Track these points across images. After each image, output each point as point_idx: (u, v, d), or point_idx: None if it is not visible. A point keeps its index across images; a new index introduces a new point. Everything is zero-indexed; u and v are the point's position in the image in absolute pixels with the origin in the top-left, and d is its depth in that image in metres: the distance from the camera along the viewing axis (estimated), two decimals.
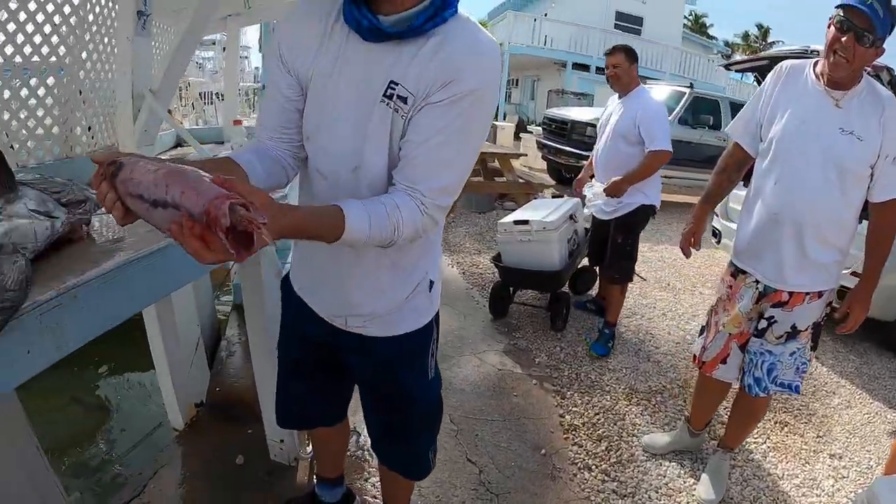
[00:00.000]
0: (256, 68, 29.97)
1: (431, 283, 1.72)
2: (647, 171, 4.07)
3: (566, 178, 11.64)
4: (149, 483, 2.90)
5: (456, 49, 1.31)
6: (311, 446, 2.99)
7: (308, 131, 1.52)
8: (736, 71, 18.80)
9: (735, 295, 2.78)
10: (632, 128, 4.08)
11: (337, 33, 1.40)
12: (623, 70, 4.16)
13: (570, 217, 4.93)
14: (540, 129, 13.27)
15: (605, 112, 4.50)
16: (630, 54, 4.17)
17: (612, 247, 4.37)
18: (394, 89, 1.34)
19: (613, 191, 4.14)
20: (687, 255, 3.06)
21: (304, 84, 1.48)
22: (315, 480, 2.64)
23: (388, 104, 1.35)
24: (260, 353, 2.69)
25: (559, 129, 11.24)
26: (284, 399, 2.09)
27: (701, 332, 3.04)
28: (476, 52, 1.33)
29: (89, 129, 3.01)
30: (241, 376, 3.86)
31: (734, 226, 5.49)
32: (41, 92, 2.75)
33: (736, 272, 2.79)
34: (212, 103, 17.59)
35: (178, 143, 4.89)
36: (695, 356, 3.02)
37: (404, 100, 1.34)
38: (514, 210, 8.18)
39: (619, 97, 4.31)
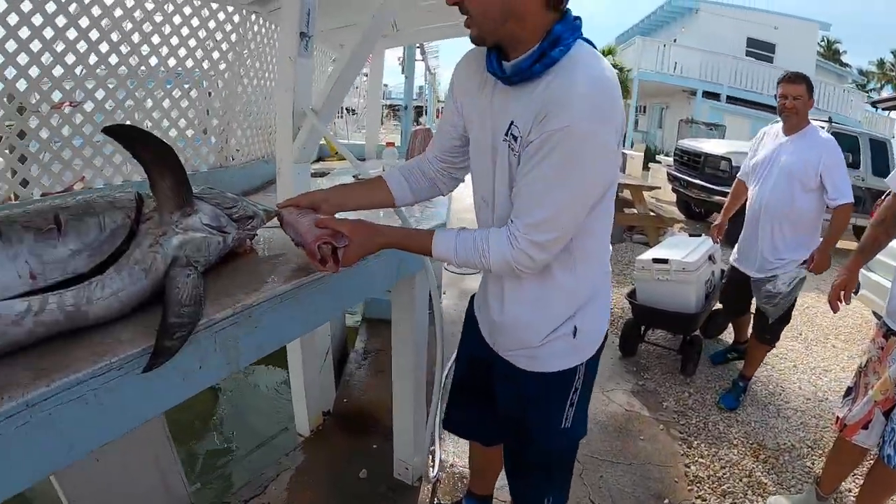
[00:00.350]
0: (385, 85, 30.67)
1: (576, 329, 1.65)
2: (841, 230, 3.61)
3: (695, 212, 11.22)
4: (270, 484, 2.95)
5: (554, 86, 1.33)
6: (436, 470, 3.00)
7: (470, 163, 1.73)
8: (884, 109, 17.56)
9: (886, 358, 2.55)
10: (811, 174, 3.54)
11: (490, 79, 1.51)
12: (802, 103, 3.57)
13: (710, 258, 4.68)
14: (669, 159, 12.82)
15: (760, 149, 3.94)
16: (810, 86, 3.61)
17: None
18: (511, 129, 1.43)
19: (822, 267, 3.66)
20: (835, 309, 2.84)
21: (467, 122, 1.67)
22: (465, 494, 2.64)
23: (507, 142, 1.45)
24: (401, 373, 2.72)
25: (692, 162, 10.71)
26: (451, 406, 2.20)
27: (847, 394, 2.80)
28: (570, 89, 1.30)
29: (244, 141, 3.18)
30: (369, 390, 3.90)
31: (875, 276, 5.15)
32: (201, 104, 2.91)
33: (888, 333, 2.57)
34: (342, 117, 18.15)
35: (320, 157, 5.11)
36: (837, 418, 2.79)
37: (516, 138, 1.42)
38: (644, 243, 7.95)
39: (786, 133, 3.73)
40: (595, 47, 1.41)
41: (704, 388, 4.42)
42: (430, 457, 3.04)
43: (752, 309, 4.19)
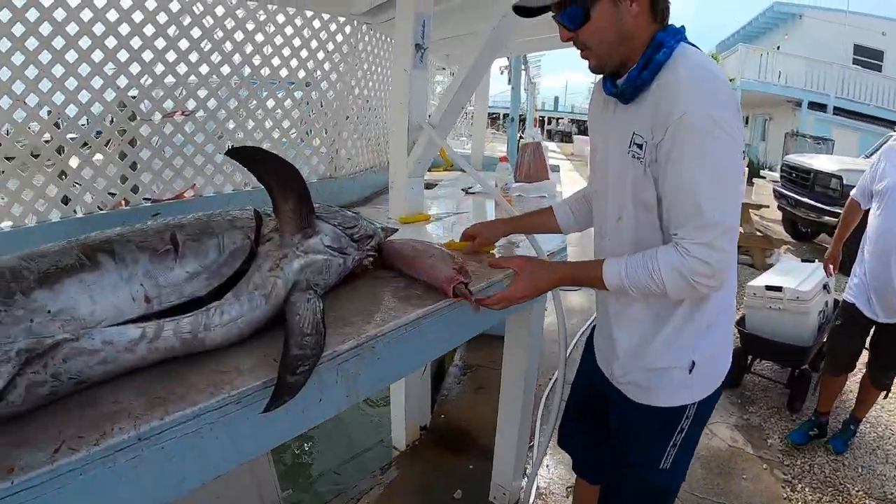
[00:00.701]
0: None
1: (693, 364, 1.51)
2: None
3: (802, 232, 10.54)
4: (362, 498, 2.88)
5: (662, 82, 1.32)
6: (532, 499, 2.86)
7: (593, 188, 1.69)
8: None
9: None
10: None
11: (610, 102, 1.51)
12: None
13: (824, 287, 4.30)
14: (774, 174, 12.11)
15: (890, 169, 3.31)
16: None
17: (891, 351, 3.47)
18: (634, 138, 1.39)
19: None
20: None
21: (591, 150, 1.69)
22: None
23: (631, 153, 1.40)
24: (509, 397, 2.59)
25: (800, 179, 9.96)
26: (565, 420, 2.12)
27: None
28: (676, 78, 1.29)
29: (354, 152, 3.12)
30: (468, 407, 3.78)
31: None
32: (311, 114, 2.86)
33: None
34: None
35: None
36: None
37: (640, 146, 1.37)
38: (749, 265, 7.51)
39: None
40: (698, 47, 1.39)
41: None
42: (528, 484, 2.89)
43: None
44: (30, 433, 0.92)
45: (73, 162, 2.09)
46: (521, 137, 5.70)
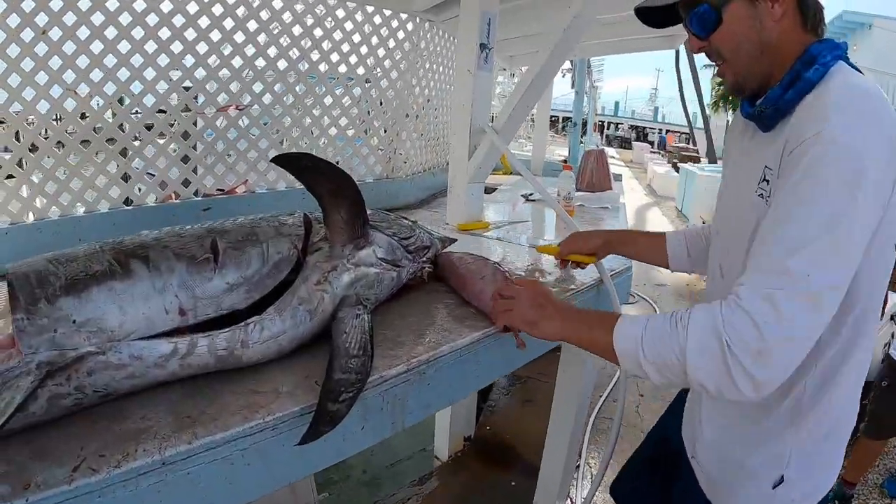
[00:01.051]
0: None
1: (781, 480, 1.15)
2: None
3: None
4: None
5: (806, 106, 1.01)
6: None
7: (715, 227, 1.36)
8: None
9: None
10: None
11: (748, 129, 1.23)
12: None
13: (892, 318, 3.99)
14: None
15: None
16: None
17: None
18: (765, 173, 1.08)
19: None
20: None
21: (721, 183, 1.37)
22: None
23: (760, 192, 1.09)
24: (560, 418, 2.46)
25: None
26: (624, 473, 1.87)
27: None
28: (822, 99, 0.98)
29: (412, 152, 3.03)
30: (514, 420, 3.67)
31: None
32: (370, 112, 2.77)
33: None
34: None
35: None
36: None
37: (768, 181, 1.06)
38: None
39: None
40: (861, 72, 1.06)
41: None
42: None
43: None
44: (51, 443, 0.86)
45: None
46: (581, 143, 5.55)
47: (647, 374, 1.02)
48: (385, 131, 2.84)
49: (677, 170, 16.35)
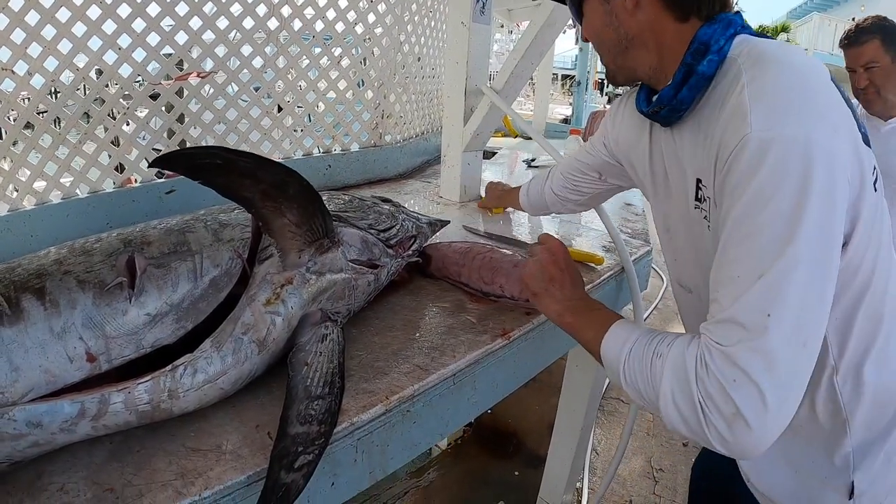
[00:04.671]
0: None
1: (852, 488, 0.96)
2: None
3: None
4: (396, 503, 2.67)
5: (721, 107, 0.85)
6: None
7: (664, 225, 1.19)
8: None
9: None
10: None
11: (646, 124, 1.12)
12: (884, 71, 2.26)
13: None
14: None
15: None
16: (891, 37, 2.25)
17: None
18: (700, 189, 0.93)
19: None
20: None
21: (639, 185, 1.29)
22: None
23: (699, 209, 0.95)
24: (567, 419, 2.27)
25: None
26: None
27: None
28: (740, 94, 0.80)
29: (402, 116, 2.76)
30: (516, 405, 3.46)
31: None
32: (353, 74, 2.49)
33: None
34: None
35: None
36: None
37: (704, 200, 0.93)
38: None
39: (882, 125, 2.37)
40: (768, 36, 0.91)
41: None
42: (576, 501, 2.62)
43: None
44: None
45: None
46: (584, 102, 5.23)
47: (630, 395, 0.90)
48: (371, 94, 2.57)
49: None
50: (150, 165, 0.82)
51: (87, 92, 1.71)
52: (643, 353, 0.86)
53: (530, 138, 1.83)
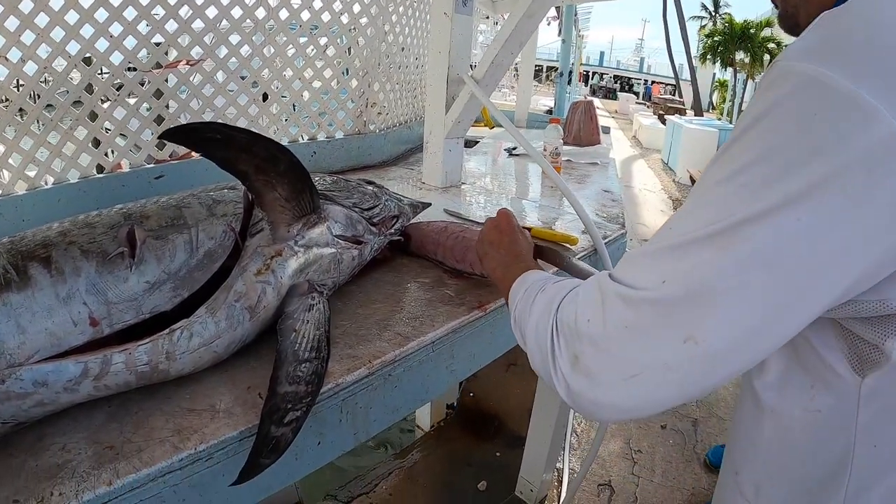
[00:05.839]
0: None
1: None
2: None
3: None
4: (381, 483, 2.72)
5: None
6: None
7: None
8: None
9: None
10: None
11: None
12: None
13: None
14: None
15: None
16: None
17: None
18: None
19: None
20: None
21: None
22: None
23: None
24: (545, 400, 2.36)
25: None
26: None
27: None
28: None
29: (386, 105, 2.80)
30: (497, 387, 3.53)
31: None
32: (337, 62, 2.54)
33: None
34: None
35: None
36: None
37: None
38: None
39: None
40: None
41: None
42: (557, 480, 2.71)
43: None
44: None
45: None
46: (566, 94, 5.29)
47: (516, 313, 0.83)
48: (356, 83, 2.61)
49: (664, 122, 16.13)
50: (160, 137, 0.86)
51: (80, 80, 1.74)
52: (534, 291, 0.79)
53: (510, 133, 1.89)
